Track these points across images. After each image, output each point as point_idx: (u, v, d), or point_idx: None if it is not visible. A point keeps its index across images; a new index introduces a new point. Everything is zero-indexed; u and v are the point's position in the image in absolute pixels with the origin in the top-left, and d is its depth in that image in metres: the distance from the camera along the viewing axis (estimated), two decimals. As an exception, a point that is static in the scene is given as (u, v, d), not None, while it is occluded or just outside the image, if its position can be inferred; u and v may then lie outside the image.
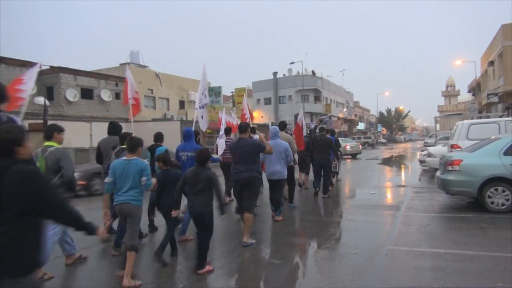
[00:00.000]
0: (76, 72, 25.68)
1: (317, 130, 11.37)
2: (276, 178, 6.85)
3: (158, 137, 6.77)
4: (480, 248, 5.10)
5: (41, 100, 21.69)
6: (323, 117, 32.50)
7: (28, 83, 5.99)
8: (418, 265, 4.57)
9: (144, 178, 4.30)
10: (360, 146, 31.31)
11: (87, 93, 26.14)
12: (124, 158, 4.46)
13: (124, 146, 5.08)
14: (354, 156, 27.29)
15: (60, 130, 4.75)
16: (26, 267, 2.19)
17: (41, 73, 24.82)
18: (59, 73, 24.50)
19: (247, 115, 10.90)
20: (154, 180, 4.71)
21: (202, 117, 8.22)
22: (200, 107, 8.11)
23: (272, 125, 8.86)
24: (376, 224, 7.01)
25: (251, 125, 7.95)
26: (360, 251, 5.20)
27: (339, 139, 16.92)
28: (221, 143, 8.90)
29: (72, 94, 24.71)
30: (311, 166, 10.32)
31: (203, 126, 8.32)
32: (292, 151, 7.50)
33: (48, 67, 24.69)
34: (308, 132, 12.11)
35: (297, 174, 9.88)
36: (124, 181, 4.28)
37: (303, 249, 5.65)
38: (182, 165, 5.88)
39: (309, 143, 10.24)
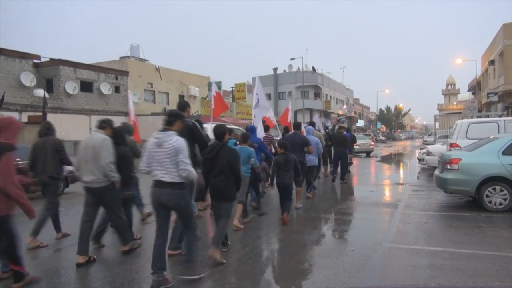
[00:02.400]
0: (75, 65, 25.59)
1: (336, 128, 13.78)
2: (309, 164, 8.56)
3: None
4: (477, 247, 5.12)
5: (40, 92, 21.64)
6: (340, 117, 35.05)
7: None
8: (415, 263, 4.59)
9: (252, 159, 6.39)
10: (372, 144, 27.70)
11: (86, 86, 26.07)
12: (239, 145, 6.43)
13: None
14: (368, 154, 25.25)
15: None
16: (232, 196, 4.85)
17: (41, 65, 24.76)
18: (58, 65, 24.41)
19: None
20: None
21: (254, 116, 10.36)
22: (254, 107, 10.43)
23: (308, 125, 10.59)
24: (374, 222, 7.04)
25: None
26: (358, 248, 5.22)
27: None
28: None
29: (71, 87, 24.63)
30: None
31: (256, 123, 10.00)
32: (321, 145, 9.62)
33: (48, 60, 24.61)
34: (326, 129, 14.19)
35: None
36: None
37: (301, 245, 5.66)
38: None
39: (327, 139, 12.29)
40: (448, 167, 7.62)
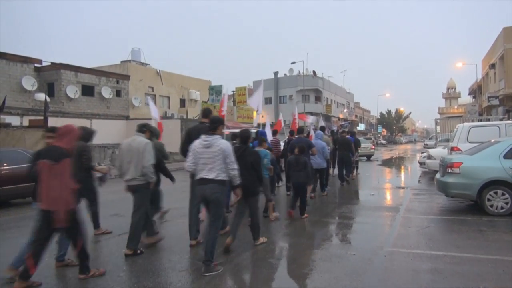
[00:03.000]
0: (77, 69, 25.68)
1: (339, 131, 14.97)
2: (319, 167, 9.57)
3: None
4: (479, 251, 5.10)
5: (41, 96, 21.69)
6: (343, 123, 38.13)
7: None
8: (416, 267, 4.58)
9: (265, 160, 6.91)
10: (373, 148, 27.84)
11: (87, 90, 26.14)
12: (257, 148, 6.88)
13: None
14: (368, 157, 25.05)
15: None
16: (257, 191, 5.46)
17: (42, 70, 24.84)
18: (60, 69, 24.49)
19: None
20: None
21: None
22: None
23: (317, 130, 11.38)
24: (375, 226, 7.02)
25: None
26: (359, 252, 5.20)
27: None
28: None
29: (72, 91, 24.70)
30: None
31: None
32: (330, 148, 10.54)
33: (49, 64, 24.68)
34: (330, 133, 14.73)
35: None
36: None
37: (301, 249, 5.64)
38: None
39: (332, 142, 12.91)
40: (449, 170, 7.60)
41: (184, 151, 5.91)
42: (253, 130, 10.45)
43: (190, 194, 5.87)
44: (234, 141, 7.64)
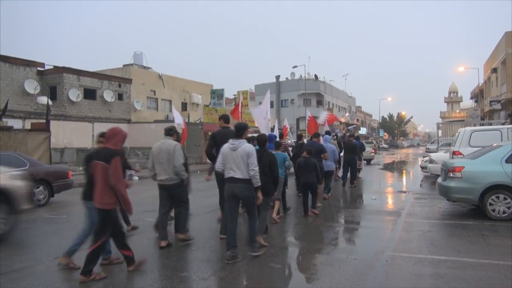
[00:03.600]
0: (79, 73, 25.78)
1: (346, 135, 15.56)
2: (328, 169, 9.50)
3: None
4: (481, 256, 5.08)
5: (44, 99, 21.80)
6: (349, 127, 38.17)
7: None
8: (418, 272, 4.56)
9: (286, 162, 7.53)
10: (373, 152, 27.83)
11: (90, 94, 26.23)
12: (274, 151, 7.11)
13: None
14: (368, 161, 24.76)
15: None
16: (271, 192, 5.77)
17: (44, 73, 24.95)
18: (62, 73, 24.60)
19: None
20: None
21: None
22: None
23: (325, 134, 12.20)
24: (376, 230, 7.00)
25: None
26: (360, 256, 5.19)
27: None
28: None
29: (75, 94, 24.79)
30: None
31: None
32: (337, 152, 10.95)
33: (52, 67, 24.80)
34: (335, 137, 15.00)
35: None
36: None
37: (303, 253, 5.63)
38: None
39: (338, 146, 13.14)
40: (451, 175, 7.58)
41: (209, 153, 6.75)
42: (251, 135, 9.79)
43: (219, 191, 6.54)
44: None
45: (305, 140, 11.72)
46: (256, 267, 4.90)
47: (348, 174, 12.70)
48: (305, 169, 7.72)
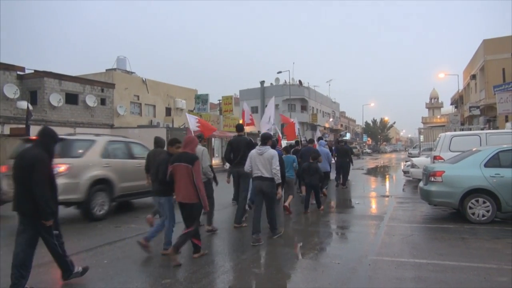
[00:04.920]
0: (60, 77, 25.33)
1: (338, 141, 17.60)
2: (323, 170, 10.32)
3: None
4: (461, 259, 5.16)
5: (24, 104, 21.32)
6: (341, 133, 42.23)
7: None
8: (400, 275, 4.60)
9: (295, 164, 9.02)
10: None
11: (71, 98, 25.78)
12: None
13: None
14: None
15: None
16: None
17: (25, 77, 24.44)
18: (43, 77, 24.12)
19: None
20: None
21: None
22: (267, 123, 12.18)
23: (320, 139, 13.42)
24: (359, 234, 7.05)
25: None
26: (344, 261, 5.21)
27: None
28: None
29: (56, 99, 24.32)
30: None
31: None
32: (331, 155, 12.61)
33: (32, 71, 24.31)
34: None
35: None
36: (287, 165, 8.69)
37: (286, 258, 5.62)
38: None
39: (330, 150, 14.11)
40: (432, 179, 7.71)
41: (227, 157, 8.21)
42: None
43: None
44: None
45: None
46: (238, 273, 4.87)
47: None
48: (308, 172, 8.77)
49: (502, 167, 7.28)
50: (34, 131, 18.15)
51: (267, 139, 6.63)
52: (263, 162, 6.28)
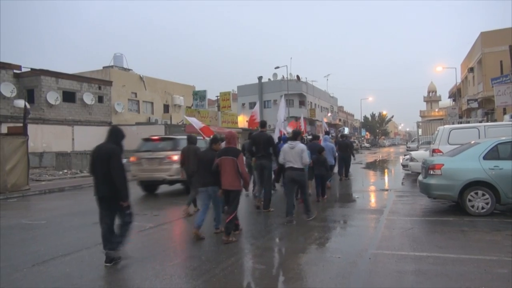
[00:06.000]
0: (57, 75, 25.23)
1: (340, 136, 18.54)
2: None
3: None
4: (461, 251, 5.17)
5: (21, 103, 21.23)
6: (340, 128, 44.03)
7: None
8: (401, 269, 4.60)
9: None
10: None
11: (69, 96, 25.71)
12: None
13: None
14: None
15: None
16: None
17: (21, 76, 24.33)
18: (40, 75, 24.03)
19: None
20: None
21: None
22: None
23: (325, 135, 14.20)
24: (359, 228, 7.05)
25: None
26: (344, 255, 5.21)
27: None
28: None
29: (53, 97, 24.25)
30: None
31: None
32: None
33: (29, 70, 24.20)
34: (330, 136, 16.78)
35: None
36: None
37: (287, 253, 5.63)
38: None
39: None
40: (431, 172, 7.71)
41: (250, 150, 9.10)
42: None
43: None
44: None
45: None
46: (239, 268, 4.87)
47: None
48: (317, 164, 9.55)
49: (501, 159, 7.28)
50: (31, 130, 18.12)
51: (297, 135, 7.74)
52: (293, 155, 7.23)
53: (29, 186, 13.70)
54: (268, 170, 8.64)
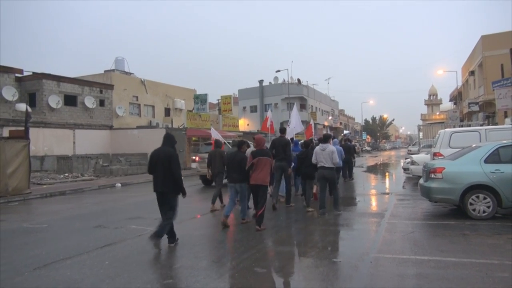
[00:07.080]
0: (59, 79, 25.30)
1: (343, 139, 19.82)
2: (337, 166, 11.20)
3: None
4: (462, 255, 5.16)
5: (22, 106, 21.27)
6: (345, 132, 44.91)
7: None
8: (402, 272, 4.60)
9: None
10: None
11: (70, 100, 25.76)
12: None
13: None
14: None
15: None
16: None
17: (23, 80, 24.41)
18: (41, 79, 24.10)
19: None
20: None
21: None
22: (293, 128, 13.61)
23: (333, 139, 13.90)
24: (360, 232, 7.04)
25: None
26: (345, 259, 5.21)
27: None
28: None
29: (55, 101, 24.30)
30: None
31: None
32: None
33: (31, 73, 24.27)
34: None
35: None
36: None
37: (288, 257, 5.62)
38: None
39: None
40: (432, 176, 7.71)
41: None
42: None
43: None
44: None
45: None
46: (240, 272, 4.87)
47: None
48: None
49: (502, 162, 7.27)
50: (33, 134, 18.14)
51: (328, 138, 8.82)
52: (325, 155, 8.29)
53: (30, 189, 13.72)
54: (287, 171, 9.59)
